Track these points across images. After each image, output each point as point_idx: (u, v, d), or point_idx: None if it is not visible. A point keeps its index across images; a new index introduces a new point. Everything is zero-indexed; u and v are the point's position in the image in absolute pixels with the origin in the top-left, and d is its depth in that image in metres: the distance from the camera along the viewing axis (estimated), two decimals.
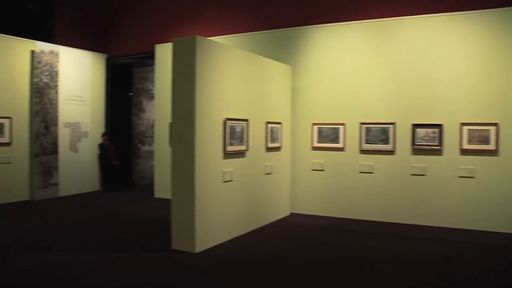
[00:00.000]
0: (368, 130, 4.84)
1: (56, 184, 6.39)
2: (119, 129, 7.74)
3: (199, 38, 3.53)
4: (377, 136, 4.80)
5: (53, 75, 6.35)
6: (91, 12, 7.45)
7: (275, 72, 4.85)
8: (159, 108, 6.48)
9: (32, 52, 6.07)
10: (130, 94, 8.17)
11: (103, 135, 7.20)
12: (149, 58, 6.92)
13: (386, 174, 4.80)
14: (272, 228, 4.47)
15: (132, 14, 7.31)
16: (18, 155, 5.96)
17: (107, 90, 7.38)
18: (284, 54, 5.33)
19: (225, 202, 3.91)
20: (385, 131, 4.75)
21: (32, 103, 6.09)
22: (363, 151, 4.91)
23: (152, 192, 6.56)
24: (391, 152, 4.75)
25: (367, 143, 4.85)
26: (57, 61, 6.41)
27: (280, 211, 5.03)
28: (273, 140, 4.76)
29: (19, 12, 6.72)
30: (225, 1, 6.26)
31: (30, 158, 6.10)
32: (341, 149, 5.03)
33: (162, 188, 6.23)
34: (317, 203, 5.20)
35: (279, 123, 4.91)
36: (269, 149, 4.68)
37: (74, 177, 6.70)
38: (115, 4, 7.52)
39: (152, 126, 7.46)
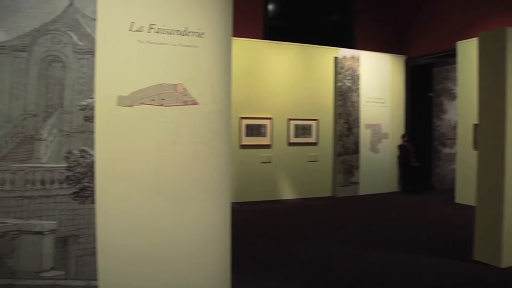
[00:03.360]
0: None
1: (356, 183, 7.49)
2: (419, 131, 8.22)
3: (510, 30, 3.52)
4: None
5: (355, 78, 7.47)
6: (389, 15, 8.21)
7: None
8: (462, 108, 6.57)
9: (336, 58, 7.31)
10: (430, 94, 8.53)
11: (403, 136, 7.89)
12: (450, 56, 7.10)
13: None
14: None
15: (431, 13, 7.66)
16: (324, 154, 7.31)
17: (407, 91, 8.00)
18: None
19: None
20: None
21: (336, 106, 7.35)
22: None
23: (452, 197, 6.72)
24: None
25: None
26: (358, 65, 7.46)
27: None
28: None
29: (324, 23, 8.23)
30: None
31: (334, 157, 7.38)
32: None
33: (464, 193, 6.32)
34: None
35: None
36: None
37: (374, 177, 7.62)
38: (413, 5, 8.12)
39: (454, 128, 7.58)
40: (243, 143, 6.64)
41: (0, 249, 2.02)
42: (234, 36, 2.46)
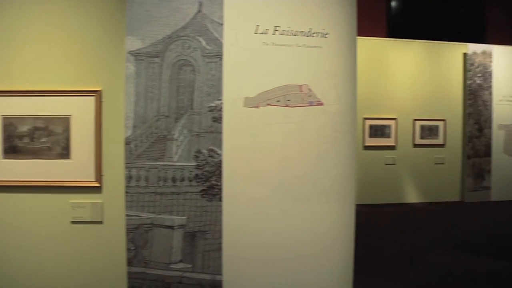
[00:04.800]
0: None
1: (487, 188, 7.00)
2: None
3: None
4: None
5: (486, 76, 6.97)
6: None
7: None
8: None
9: (465, 54, 6.91)
10: None
11: None
12: None
13: None
14: None
15: None
16: (451, 156, 6.97)
17: None
18: None
19: None
20: None
21: (465, 106, 6.95)
22: None
23: None
24: None
25: None
26: (490, 61, 6.94)
27: None
28: None
29: (451, 17, 7.76)
30: None
31: (463, 159, 7.00)
32: None
33: None
34: None
35: None
36: None
37: (508, 182, 7.07)
38: None
39: None
40: (367, 144, 6.65)
41: (135, 240, 2.29)
42: (358, 35, 2.51)
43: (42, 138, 2.52)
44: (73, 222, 2.56)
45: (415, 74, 6.87)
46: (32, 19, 2.56)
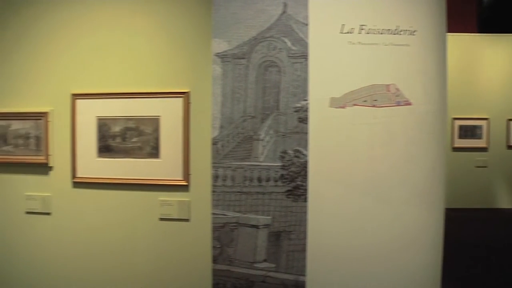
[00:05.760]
0: None
1: None
2: None
3: None
4: None
5: None
6: None
7: None
8: None
9: None
10: None
11: None
12: None
13: None
14: None
15: None
16: None
17: None
18: None
19: None
20: None
21: None
22: None
23: None
24: None
25: None
26: None
27: None
28: None
29: None
30: None
31: None
32: None
33: None
34: None
35: None
36: None
37: None
38: None
39: None
40: (456, 145, 6.48)
41: (221, 238, 2.42)
42: (447, 31, 2.49)
43: (133, 138, 2.72)
44: (161, 219, 2.75)
45: (509, 71, 6.57)
46: (122, 24, 2.78)
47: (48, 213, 2.95)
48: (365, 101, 2.31)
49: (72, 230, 2.91)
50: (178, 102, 2.64)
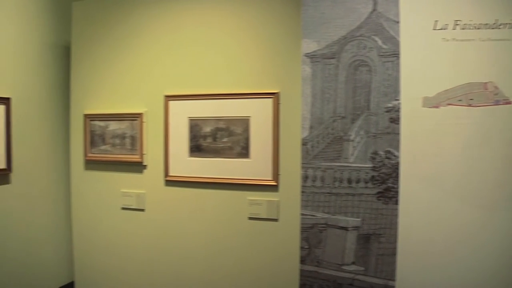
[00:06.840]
0: None
1: None
2: None
3: None
4: None
5: None
6: None
7: None
8: None
9: None
10: None
11: None
12: None
13: None
14: None
15: None
16: None
17: None
18: None
19: None
20: None
21: None
22: None
23: None
24: None
25: None
26: None
27: None
28: None
29: None
30: None
31: None
32: None
33: None
34: None
35: None
36: None
37: None
38: None
39: None
40: None
41: (309, 239, 2.50)
42: None
43: (223, 138, 2.88)
44: (250, 218, 2.88)
45: None
46: (213, 27, 2.92)
47: (142, 210, 3.16)
48: (460, 100, 2.27)
49: (164, 226, 3.11)
50: (268, 102, 2.75)
